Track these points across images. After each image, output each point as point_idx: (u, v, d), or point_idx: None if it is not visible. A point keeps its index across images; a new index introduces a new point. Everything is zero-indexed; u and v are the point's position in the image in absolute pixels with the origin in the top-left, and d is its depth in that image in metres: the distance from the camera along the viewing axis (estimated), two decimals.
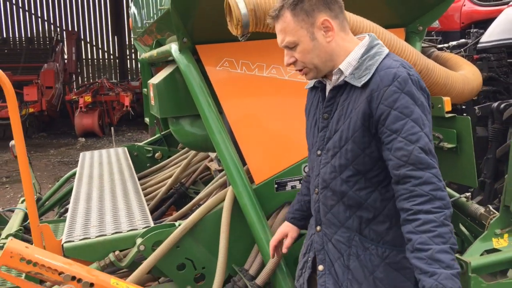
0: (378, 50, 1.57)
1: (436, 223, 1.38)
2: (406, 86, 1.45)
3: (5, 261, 1.66)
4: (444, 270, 1.35)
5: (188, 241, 2.21)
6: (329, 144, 1.61)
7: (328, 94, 1.63)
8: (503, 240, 2.42)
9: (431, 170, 1.41)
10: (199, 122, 2.65)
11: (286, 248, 1.88)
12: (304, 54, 1.56)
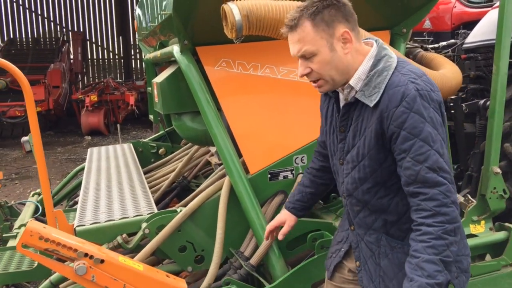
0: (386, 64, 1.58)
1: (432, 235, 1.47)
2: (415, 105, 1.48)
3: (26, 240, 1.88)
4: (423, 278, 1.45)
5: (188, 225, 2.43)
6: (348, 157, 1.69)
7: (342, 110, 1.69)
8: (480, 226, 2.62)
9: (438, 188, 1.48)
10: (199, 118, 2.86)
11: (282, 235, 1.99)
12: (322, 65, 1.57)
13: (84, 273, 1.92)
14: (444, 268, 1.48)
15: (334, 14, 1.56)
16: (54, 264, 1.94)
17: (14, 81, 12.22)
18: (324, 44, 1.56)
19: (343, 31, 1.56)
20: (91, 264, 1.94)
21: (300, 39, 1.57)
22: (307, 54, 1.58)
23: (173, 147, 4.55)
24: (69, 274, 1.94)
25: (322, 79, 1.61)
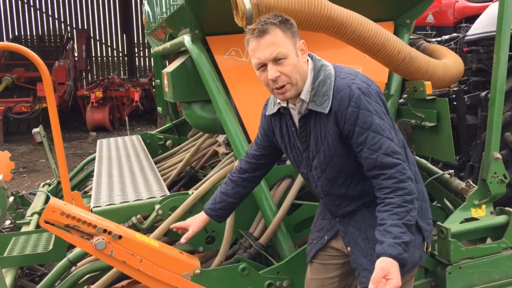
0: (325, 73, 1.77)
1: (394, 205, 1.70)
2: (361, 103, 1.72)
3: (48, 215, 1.98)
4: (390, 239, 1.66)
5: (200, 207, 2.52)
6: (314, 162, 1.87)
7: (299, 123, 1.85)
8: (481, 210, 2.71)
9: (395, 167, 1.72)
10: (208, 106, 2.97)
11: (185, 239, 2.11)
12: (291, 68, 1.71)
13: (103, 247, 2.02)
14: (407, 230, 1.70)
15: (295, 27, 1.77)
16: (75, 239, 2.04)
17: (19, 77, 12.37)
18: (292, 49, 1.73)
19: (302, 42, 1.77)
20: (110, 240, 2.04)
21: (274, 43, 1.71)
22: (280, 56, 1.71)
23: (180, 139, 4.65)
24: (89, 249, 2.04)
25: (290, 83, 1.74)
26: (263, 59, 1.73)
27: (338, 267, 2.05)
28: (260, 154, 2.12)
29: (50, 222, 2.02)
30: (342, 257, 2.02)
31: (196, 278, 2.17)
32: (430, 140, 2.66)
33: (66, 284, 2.37)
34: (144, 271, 2.10)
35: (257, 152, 2.13)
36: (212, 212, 2.15)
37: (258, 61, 1.74)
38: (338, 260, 2.04)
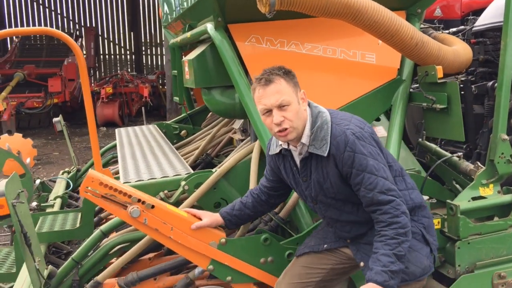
0: (322, 119, 1.98)
1: (388, 236, 1.89)
2: (356, 147, 1.91)
3: (87, 184, 2.14)
4: (379, 267, 1.85)
5: (223, 184, 2.68)
6: (319, 198, 2.07)
7: (300, 164, 2.05)
8: (489, 189, 2.85)
9: (389, 204, 1.90)
10: (227, 92, 3.12)
11: (195, 226, 2.24)
12: (294, 114, 1.93)
13: (138, 215, 2.18)
14: (397, 259, 1.87)
15: (296, 78, 2.00)
16: (112, 207, 2.19)
17: (31, 74, 12.58)
18: (294, 98, 1.94)
19: (302, 91, 1.99)
20: (143, 209, 2.20)
21: (278, 91, 1.92)
22: (284, 103, 1.92)
23: (194, 129, 4.80)
24: (125, 216, 2.20)
25: (292, 126, 1.94)
26: (269, 106, 1.94)
27: (329, 263, 2.21)
28: (271, 187, 2.30)
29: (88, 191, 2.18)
30: (337, 258, 2.20)
31: (222, 247, 2.32)
32: (440, 121, 2.80)
33: (98, 253, 2.53)
34: (175, 239, 2.25)
35: (268, 185, 2.32)
36: (227, 216, 2.30)
37: (264, 107, 1.95)
38: (331, 261, 2.21)
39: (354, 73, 2.88)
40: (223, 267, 2.34)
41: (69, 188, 4.31)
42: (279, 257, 2.41)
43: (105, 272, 2.41)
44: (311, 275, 2.17)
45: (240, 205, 2.33)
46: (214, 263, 2.32)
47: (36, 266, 2.24)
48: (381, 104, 2.91)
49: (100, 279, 2.38)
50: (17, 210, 2.13)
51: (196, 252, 2.30)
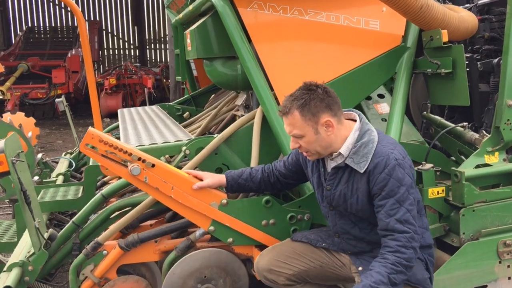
0: (370, 137, 1.96)
1: (389, 260, 1.85)
2: (394, 172, 1.89)
3: (88, 140, 2.12)
4: (369, 282, 1.80)
5: (224, 149, 2.65)
6: (338, 208, 2.06)
7: (331, 171, 2.04)
8: (494, 157, 2.81)
9: (403, 234, 1.87)
10: (230, 63, 3.09)
11: (196, 186, 2.24)
12: (308, 144, 1.96)
13: (138, 173, 2.16)
14: (389, 284, 1.83)
15: (318, 105, 1.92)
16: (112, 165, 2.17)
17: (35, 65, 12.61)
18: (310, 129, 1.93)
19: (326, 119, 1.93)
20: (144, 167, 2.18)
21: (291, 124, 1.95)
22: (296, 135, 1.97)
23: (197, 110, 4.77)
24: (125, 174, 2.18)
25: (309, 151, 2.00)
26: (286, 131, 2.01)
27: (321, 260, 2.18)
28: (285, 174, 2.30)
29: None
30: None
31: (223, 207, 2.30)
32: (445, 87, 2.76)
33: (99, 217, 2.51)
34: (175, 198, 2.23)
35: (283, 171, 2.30)
36: (231, 181, 2.30)
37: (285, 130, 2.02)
38: (324, 259, 2.18)
39: (358, 40, 2.85)
40: (224, 228, 2.32)
41: (72, 167, 4.31)
42: (281, 219, 2.39)
43: (106, 233, 2.39)
44: (298, 262, 2.13)
45: (248, 176, 2.31)
46: (215, 224, 2.30)
47: (36, 225, 2.23)
48: (385, 71, 2.87)
49: (101, 240, 2.36)
50: (17, 168, 2.12)
51: (197, 212, 2.28)
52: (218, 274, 2.41)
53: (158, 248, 2.41)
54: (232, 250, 2.41)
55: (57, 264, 2.51)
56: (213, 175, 2.32)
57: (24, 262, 2.26)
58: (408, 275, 1.90)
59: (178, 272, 2.35)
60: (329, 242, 2.19)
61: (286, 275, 2.10)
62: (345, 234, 2.11)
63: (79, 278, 2.35)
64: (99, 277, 2.33)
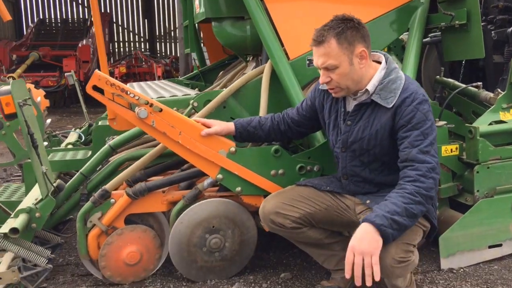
0: (397, 74, 1.95)
1: (407, 190, 1.80)
2: (421, 106, 1.88)
3: (94, 82, 2.10)
4: (383, 212, 1.75)
5: (232, 103, 2.61)
6: (354, 146, 2.01)
7: (354, 107, 2.01)
8: (509, 114, 2.75)
9: (424, 164, 1.82)
10: (239, 24, 3.05)
11: (205, 133, 2.21)
12: (341, 76, 1.91)
13: (145, 116, 2.13)
14: (405, 215, 1.76)
15: (354, 35, 1.89)
16: (119, 108, 2.15)
17: (46, 55, 12.68)
18: (345, 59, 1.89)
19: (361, 50, 1.90)
20: (151, 111, 2.15)
21: (326, 54, 1.89)
22: (330, 67, 1.90)
23: (206, 86, 4.73)
24: (132, 118, 2.16)
25: (339, 87, 1.94)
26: (317, 65, 1.95)
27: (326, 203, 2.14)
28: (297, 121, 2.27)
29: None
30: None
31: (231, 155, 2.27)
32: (460, 40, 2.70)
33: (107, 169, 2.49)
34: (183, 144, 2.21)
35: (296, 117, 2.27)
36: (240, 128, 2.26)
37: (315, 64, 1.97)
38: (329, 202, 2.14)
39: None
40: (232, 177, 2.29)
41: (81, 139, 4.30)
42: (290, 170, 2.35)
43: (114, 181, 2.37)
44: (304, 205, 2.09)
45: (257, 124, 2.28)
46: (223, 171, 2.27)
47: (43, 170, 2.21)
48: (398, 27, 2.82)
49: (108, 188, 2.34)
50: (24, 111, 2.10)
51: (205, 159, 2.25)
52: (226, 225, 2.38)
53: (165, 198, 2.39)
54: (240, 200, 2.38)
55: (65, 216, 2.50)
56: (221, 122, 2.28)
57: (31, 209, 2.24)
58: (427, 207, 1.84)
59: (186, 220, 2.33)
60: (333, 186, 2.15)
61: (292, 218, 2.06)
62: (354, 176, 2.07)
63: (87, 226, 2.33)
64: (106, 225, 2.31)
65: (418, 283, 2.39)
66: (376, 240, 1.70)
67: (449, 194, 2.69)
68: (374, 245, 1.69)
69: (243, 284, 2.40)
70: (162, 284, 2.41)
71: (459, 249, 2.56)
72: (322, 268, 2.48)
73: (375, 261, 1.66)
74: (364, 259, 1.67)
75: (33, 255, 2.16)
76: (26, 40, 14.36)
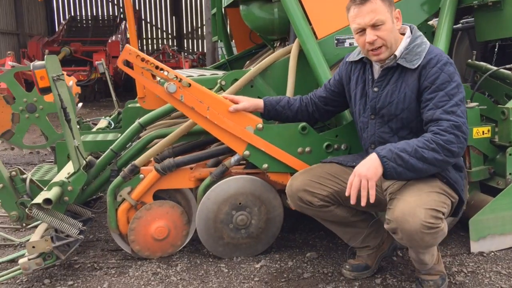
0: (422, 40, 1.98)
1: (425, 137, 1.82)
2: (445, 68, 1.88)
3: (125, 56, 2.15)
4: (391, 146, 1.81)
5: (260, 82, 2.62)
6: (383, 111, 2.01)
7: (381, 72, 2.02)
8: None
9: (449, 122, 1.81)
10: (266, 6, 3.05)
11: (233, 109, 2.22)
12: (387, 33, 1.92)
13: (174, 91, 2.17)
14: (414, 155, 1.79)
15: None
16: (148, 82, 2.19)
17: (77, 50, 13.00)
18: (389, 16, 1.93)
19: (397, 10, 1.97)
20: (180, 86, 2.18)
21: (373, 10, 1.91)
22: (378, 22, 1.91)
23: None
24: (161, 92, 2.19)
25: (385, 45, 1.94)
26: (363, 25, 1.93)
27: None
28: (325, 97, 2.27)
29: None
30: None
31: (258, 132, 2.28)
32: (493, 19, 2.63)
33: (137, 146, 2.54)
34: (211, 119, 2.23)
35: (324, 94, 2.28)
36: (268, 105, 2.28)
37: (358, 26, 1.95)
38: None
39: None
40: (259, 153, 2.29)
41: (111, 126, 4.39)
42: (317, 147, 2.34)
43: (142, 157, 2.42)
44: (331, 182, 2.07)
45: (286, 103, 2.30)
46: (250, 148, 2.28)
47: (76, 144, 2.27)
48: (429, 6, 2.77)
49: (138, 163, 2.39)
50: (57, 85, 2.16)
51: (232, 135, 2.26)
52: (253, 202, 2.39)
53: (193, 175, 2.41)
54: (267, 178, 2.38)
55: (96, 191, 2.56)
56: (249, 98, 2.29)
57: (63, 182, 2.30)
58: (446, 159, 1.82)
59: (213, 197, 2.35)
60: (359, 161, 2.11)
61: (320, 196, 2.05)
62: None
63: (117, 200, 2.38)
64: (135, 200, 2.36)
65: (447, 265, 2.35)
66: (375, 167, 1.78)
67: (480, 178, 2.63)
68: (373, 171, 1.78)
69: (269, 261, 2.41)
70: (189, 260, 2.45)
71: (490, 232, 2.50)
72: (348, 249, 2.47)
73: (371, 185, 1.76)
74: (361, 182, 1.76)
75: (65, 226, 2.22)
76: (58, 36, 14.74)
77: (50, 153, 4.53)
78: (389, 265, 2.36)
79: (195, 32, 20.91)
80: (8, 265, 2.43)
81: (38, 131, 5.69)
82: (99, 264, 2.42)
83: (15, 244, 2.72)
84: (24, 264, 2.13)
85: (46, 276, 2.29)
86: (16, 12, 15.72)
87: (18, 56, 12.54)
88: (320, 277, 2.25)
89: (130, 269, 2.35)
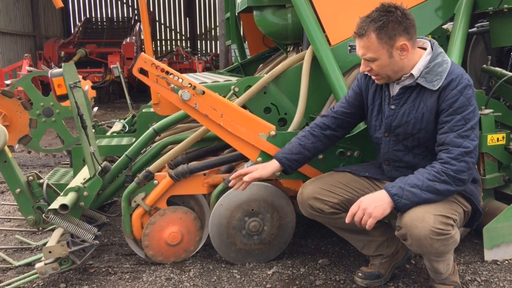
0: (443, 58, 1.93)
1: (435, 169, 1.82)
2: (465, 91, 1.86)
3: (140, 64, 2.17)
4: (401, 183, 1.82)
5: (273, 89, 2.64)
6: (398, 130, 1.99)
7: (399, 90, 1.99)
8: None
9: (459, 148, 1.82)
10: (280, 12, 3.07)
11: (249, 178, 2.08)
12: (380, 68, 1.92)
13: (188, 98, 2.19)
14: (426, 190, 1.79)
15: (396, 28, 1.86)
16: (163, 90, 2.21)
17: (92, 52, 13.15)
18: (384, 53, 1.88)
19: (402, 43, 1.88)
20: (194, 93, 2.20)
21: (365, 46, 1.90)
22: (369, 59, 1.92)
23: None
24: (175, 99, 2.22)
25: (379, 76, 1.96)
26: (358, 55, 1.96)
27: (364, 190, 2.10)
28: (348, 112, 2.19)
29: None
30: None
31: (271, 139, 2.29)
32: (508, 25, 2.60)
33: (151, 151, 2.57)
34: (224, 126, 2.25)
35: (346, 109, 2.19)
36: (286, 162, 2.13)
37: (357, 53, 1.98)
38: (367, 189, 2.10)
39: None
40: None
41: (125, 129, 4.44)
42: (329, 155, 2.35)
43: (157, 163, 2.45)
44: (341, 191, 2.07)
45: (299, 148, 2.15)
46: (263, 155, 2.30)
47: (92, 150, 2.31)
48: (443, 12, 2.75)
49: (152, 169, 2.42)
50: (74, 93, 2.20)
51: (245, 142, 2.28)
52: (265, 208, 2.40)
53: (206, 181, 2.44)
54: (280, 185, 2.39)
55: (111, 196, 2.60)
56: (264, 166, 2.15)
57: (79, 188, 2.34)
58: (458, 189, 1.83)
59: (226, 203, 2.37)
60: (372, 172, 2.14)
61: (331, 203, 2.05)
62: (397, 161, 2.05)
63: (131, 206, 2.41)
64: (149, 205, 2.39)
65: (460, 273, 2.33)
66: (384, 208, 1.79)
67: (494, 185, 2.60)
68: (380, 211, 1.79)
69: (281, 268, 2.42)
70: (202, 265, 2.47)
71: (504, 240, 2.48)
72: (361, 256, 2.47)
73: (370, 223, 1.78)
74: (364, 215, 1.78)
75: (81, 231, 2.25)
76: (74, 38, 14.92)
77: (66, 155, 4.59)
78: (402, 273, 2.35)
79: (209, 33, 21.00)
80: (25, 268, 2.48)
81: (53, 133, 5.77)
82: (113, 268, 2.46)
83: (31, 248, 2.77)
84: (40, 269, 2.17)
85: (62, 280, 2.34)
86: (32, 15, 15.96)
87: (34, 57, 12.73)
88: (332, 284, 2.26)
89: (144, 274, 2.38)
